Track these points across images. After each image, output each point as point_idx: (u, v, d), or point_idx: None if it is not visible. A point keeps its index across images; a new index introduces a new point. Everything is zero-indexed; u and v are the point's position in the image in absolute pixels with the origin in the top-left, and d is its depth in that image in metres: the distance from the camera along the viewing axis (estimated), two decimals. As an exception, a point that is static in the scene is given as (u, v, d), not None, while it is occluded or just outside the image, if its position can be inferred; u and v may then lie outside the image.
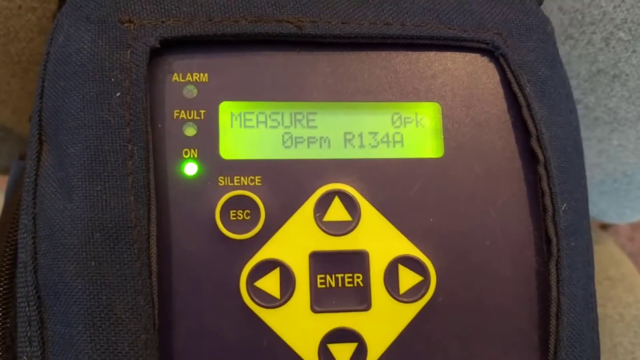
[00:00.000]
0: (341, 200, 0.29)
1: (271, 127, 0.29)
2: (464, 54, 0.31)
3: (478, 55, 0.31)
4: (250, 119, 0.29)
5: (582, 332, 0.29)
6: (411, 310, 0.28)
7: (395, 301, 0.28)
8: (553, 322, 0.28)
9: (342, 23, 0.30)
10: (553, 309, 0.28)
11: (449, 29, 0.30)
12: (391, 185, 0.29)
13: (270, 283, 0.28)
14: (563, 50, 0.44)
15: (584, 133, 0.49)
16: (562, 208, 0.29)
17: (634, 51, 0.43)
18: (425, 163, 0.29)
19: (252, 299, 0.27)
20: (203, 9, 0.29)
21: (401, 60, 0.30)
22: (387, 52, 0.30)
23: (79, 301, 0.26)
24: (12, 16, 0.46)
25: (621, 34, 0.43)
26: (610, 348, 0.50)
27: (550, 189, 0.29)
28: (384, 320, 0.28)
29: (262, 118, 0.29)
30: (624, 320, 0.52)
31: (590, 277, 0.30)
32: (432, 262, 0.29)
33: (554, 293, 0.28)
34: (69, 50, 0.28)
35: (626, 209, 0.59)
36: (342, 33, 0.30)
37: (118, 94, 0.27)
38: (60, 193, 0.27)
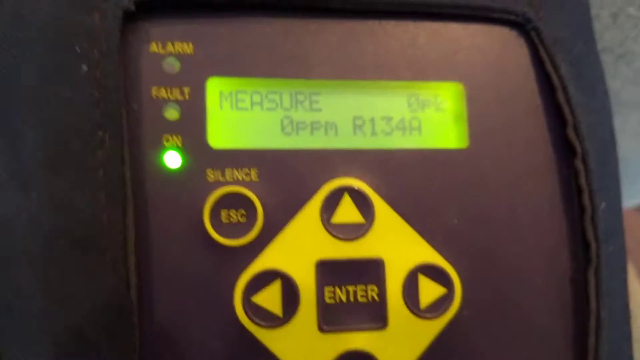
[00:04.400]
0: (352, 198, 0.24)
1: (268, 109, 0.25)
2: (492, 27, 0.27)
3: (507, 28, 0.27)
4: (243, 99, 0.24)
5: (620, 349, 0.25)
6: (434, 327, 0.24)
7: (416, 317, 0.24)
8: (592, 338, 0.25)
9: None
10: (592, 323, 0.25)
11: None
12: (409, 181, 0.25)
13: (270, 298, 0.23)
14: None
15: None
16: (601, 207, 0.25)
17: (642, 29, 0.40)
18: (447, 155, 0.25)
19: (248, 317, 0.23)
20: None
21: (420, 32, 0.26)
22: (404, 21, 0.26)
23: (40, 322, 0.21)
24: None
25: (631, 10, 0.40)
26: None
27: (588, 186, 0.25)
28: (402, 340, 0.24)
29: (257, 98, 0.24)
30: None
31: (625, 285, 0.27)
32: (457, 271, 0.24)
33: (593, 305, 0.25)
34: (22, 10, 0.23)
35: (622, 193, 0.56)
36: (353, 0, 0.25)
37: (84, 68, 0.22)
38: (14, 188, 0.22)
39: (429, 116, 0.26)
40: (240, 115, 0.24)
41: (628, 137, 0.48)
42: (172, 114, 0.23)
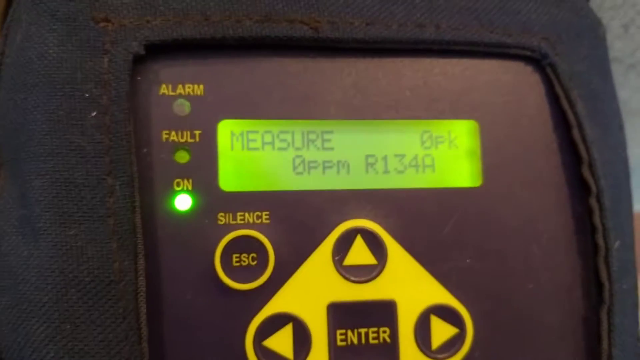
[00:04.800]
0: (364, 239, 0.24)
1: (279, 149, 0.24)
2: (506, 62, 0.26)
3: (522, 64, 0.26)
4: (255, 140, 0.24)
5: None
6: (445, 367, 0.24)
7: (427, 358, 0.24)
8: None
9: (366, 24, 0.24)
10: None
11: (490, 32, 0.25)
12: (422, 221, 0.25)
13: (281, 342, 0.23)
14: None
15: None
16: (615, 246, 0.25)
17: (653, 39, 0.39)
18: (460, 194, 0.25)
19: (260, 361, 0.23)
20: (197, 5, 0.23)
21: (433, 69, 0.26)
22: (416, 59, 0.25)
23: None
24: None
25: (642, 21, 0.39)
26: None
27: (603, 225, 0.25)
28: (413, 381, 0.24)
29: (268, 138, 0.24)
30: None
31: (637, 320, 0.27)
32: (469, 311, 0.24)
33: (604, 345, 0.25)
34: (29, 54, 0.22)
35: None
36: (366, 37, 0.24)
37: (94, 114, 0.22)
38: (24, 235, 0.22)
39: (442, 153, 0.25)
40: (252, 156, 0.24)
41: (636, 146, 0.47)
42: (182, 157, 0.23)
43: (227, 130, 0.24)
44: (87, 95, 0.22)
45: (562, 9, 0.27)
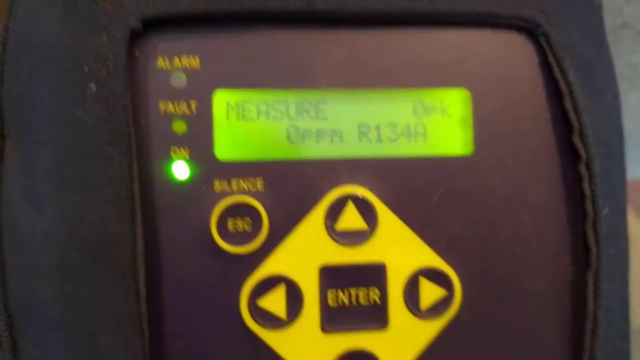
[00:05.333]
0: (356, 205, 0.25)
1: (274, 118, 0.25)
2: (499, 32, 0.26)
3: (515, 34, 0.26)
4: (250, 110, 0.25)
5: (616, 346, 0.26)
6: (433, 327, 0.25)
7: (416, 318, 0.25)
8: (588, 338, 0.25)
9: None
10: (589, 324, 0.25)
11: (484, 3, 0.26)
12: (413, 188, 0.25)
13: (274, 301, 0.24)
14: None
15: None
16: (604, 212, 0.26)
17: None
18: (452, 162, 0.26)
19: (254, 319, 0.24)
20: None
21: (425, 39, 0.26)
22: (409, 30, 0.26)
23: (57, 328, 0.23)
24: None
25: (654, -14, 0.39)
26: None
27: (592, 191, 0.25)
28: (402, 340, 0.25)
29: (263, 108, 0.25)
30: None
31: (626, 284, 0.27)
32: (458, 274, 0.25)
33: (590, 307, 0.25)
34: (31, 31, 0.24)
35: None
36: (360, 9, 0.25)
37: (93, 87, 0.23)
38: (29, 202, 0.23)
39: (435, 122, 0.26)
40: (247, 126, 0.25)
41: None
42: (179, 127, 0.24)
43: (222, 101, 0.25)
44: (86, 69, 0.23)
45: (556, -23, 0.27)
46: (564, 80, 0.26)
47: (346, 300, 0.25)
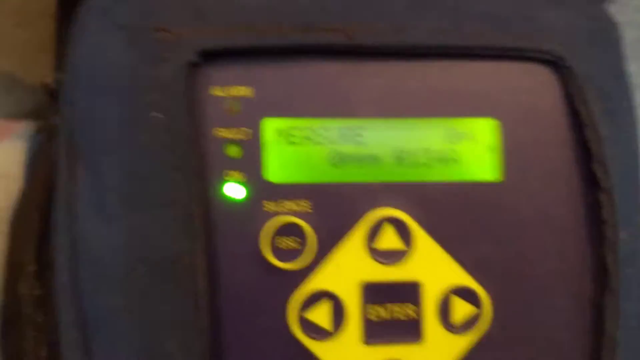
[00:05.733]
0: (393, 226, 0.27)
1: (318, 144, 0.27)
2: (525, 64, 0.29)
3: (540, 66, 0.29)
4: (296, 136, 0.27)
5: None
6: (464, 342, 0.27)
7: (448, 333, 0.27)
8: (607, 357, 0.27)
9: (397, 31, 0.27)
10: (608, 343, 0.27)
11: (510, 37, 0.28)
12: (446, 211, 0.27)
13: (320, 314, 0.26)
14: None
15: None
16: (622, 237, 0.28)
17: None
18: (482, 187, 0.28)
19: (302, 330, 0.26)
20: (244, 15, 0.26)
21: (456, 71, 0.28)
22: (442, 62, 0.28)
23: (126, 336, 0.24)
24: None
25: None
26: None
27: (611, 217, 0.27)
28: (436, 353, 0.27)
29: (308, 135, 0.27)
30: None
31: None
32: (488, 293, 0.27)
33: (608, 327, 0.27)
34: (97, 61, 0.26)
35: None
36: (397, 44, 0.27)
37: (156, 115, 0.25)
38: (98, 218, 0.25)
39: (466, 148, 0.28)
40: (293, 150, 0.27)
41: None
42: (232, 151, 0.26)
43: (272, 127, 0.27)
44: (148, 98, 0.25)
45: (577, 14, 0.29)
46: (586, 110, 0.28)
47: (385, 315, 0.27)
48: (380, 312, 0.27)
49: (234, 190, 0.26)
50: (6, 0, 0.48)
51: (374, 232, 0.27)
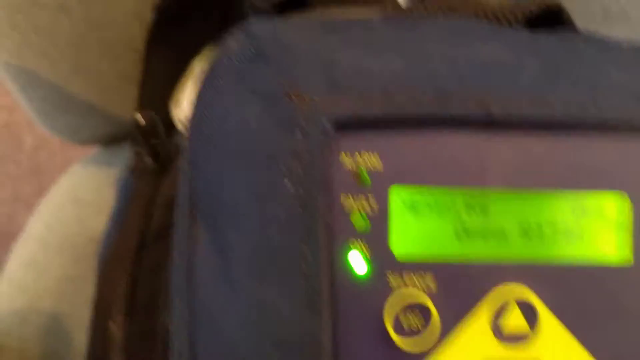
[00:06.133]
0: (519, 306, 0.26)
1: (444, 216, 0.26)
2: None
3: None
4: (423, 207, 0.26)
5: None
6: None
7: (574, 420, 0.26)
8: None
9: (532, 103, 0.26)
10: None
11: None
12: (575, 293, 0.26)
13: None
14: None
15: None
16: None
17: None
18: (612, 270, 0.26)
19: (425, 412, 0.25)
20: (379, 84, 0.25)
21: (588, 144, 0.27)
22: (572, 134, 0.27)
23: None
24: (111, 3, 0.44)
25: None
26: None
27: None
28: None
29: (435, 206, 0.26)
30: None
31: None
32: (615, 379, 0.26)
33: None
34: (228, 124, 0.25)
35: None
36: (532, 117, 0.26)
37: (289, 185, 0.24)
38: (223, 285, 0.24)
39: (593, 225, 0.27)
40: (420, 223, 0.26)
41: None
42: (359, 222, 0.25)
43: (398, 198, 0.26)
44: (283, 167, 0.24)
45: None
46: None
47: (508, 398, 0.26)
48: (503, 395, 0.26)
49: (359, 262, 0.25)
50: (93, 33, 0.48)
51: (499, 311, 0.26)
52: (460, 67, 0.26)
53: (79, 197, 0.60)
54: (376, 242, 0.25)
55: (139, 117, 0.39)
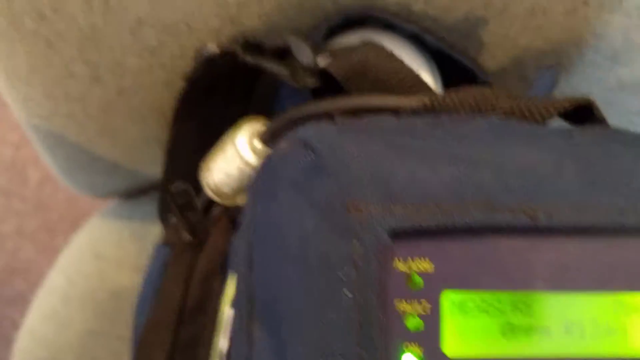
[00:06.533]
0: None
1: (491, 315, 0.27)
2: None
3: None
4: (472, 308, 0.27)
5: None
6: None
7: None
8: None
9: (575, 211, 0.27)
10: None
11: None
12: None
13: None
14: None
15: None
16: None
17: None
18: None
19: None
20: (431, 194, 0.27)
21: (630, 247, 0.28)
22: (615, 239, 0.28)
23: None
24: (142, 72, 0.45)
25: None
26: None
27: None
28: None
29: (483, 307, 0.27)
30: None
31: None
32: None
33: None
34: (288, 233, 0.26)
35: None
36: (576, 224, 0.27)
37: (347, 293, 0.25)
38: None
39: (634, 322, 0.28)
40: (469, 323, 0.27)
41: None
42: (412, 324, 0.27)
43: (451, 301, 0.27)
44: (340, 275, 0.25)
45: None
46: None
47: None
48: None
49: (413, 364, 0.26)
50: (122, 99, 0.49)
51: (544, 408, 0.27)
52: (505, 174, 0.28)
53: (99, 251, 0.61)
54: (429, 343, 0.27)
55: (174, 187, 0.40)
